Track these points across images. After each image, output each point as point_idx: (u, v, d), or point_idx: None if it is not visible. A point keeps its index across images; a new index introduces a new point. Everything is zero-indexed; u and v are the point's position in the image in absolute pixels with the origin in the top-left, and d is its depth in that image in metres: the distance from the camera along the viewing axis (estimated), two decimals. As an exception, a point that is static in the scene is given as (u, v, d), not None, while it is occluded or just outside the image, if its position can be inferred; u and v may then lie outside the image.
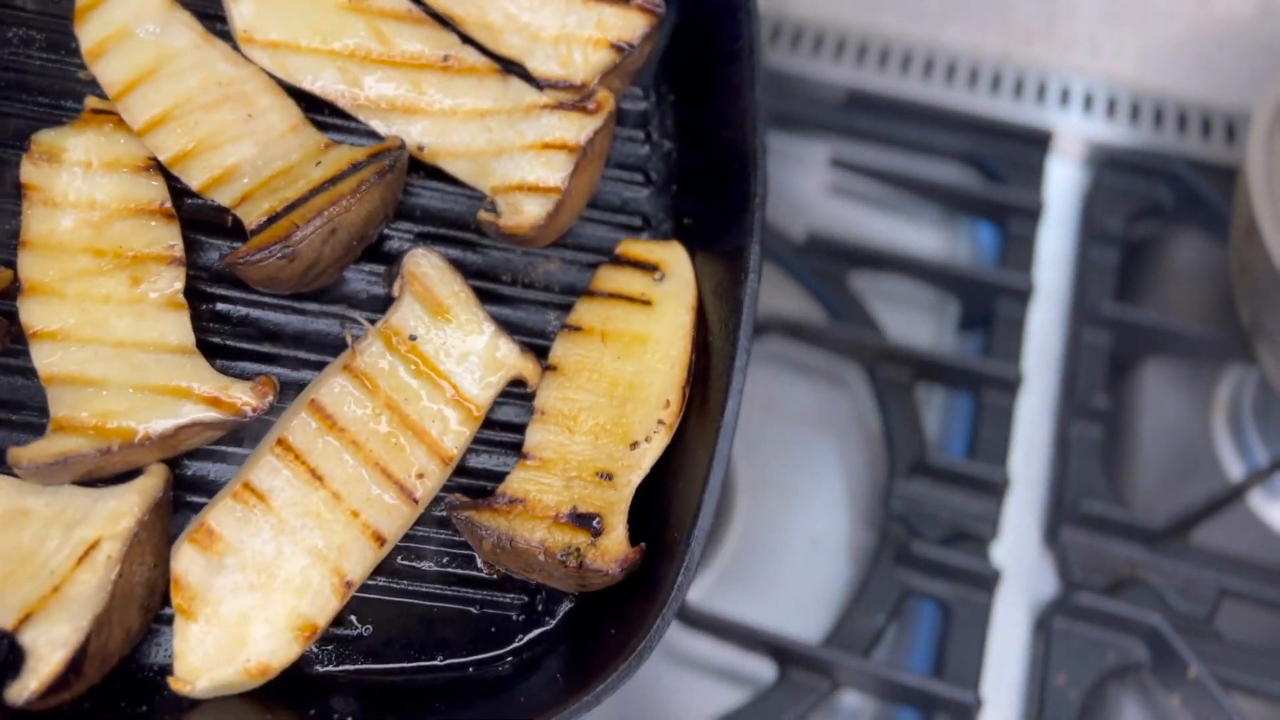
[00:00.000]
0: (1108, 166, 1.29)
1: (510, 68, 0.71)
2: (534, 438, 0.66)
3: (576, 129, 0.67)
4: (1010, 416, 1.08)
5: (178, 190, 0.70)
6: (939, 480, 1.04)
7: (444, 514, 0.67)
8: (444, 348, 0.65)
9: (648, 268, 0.69)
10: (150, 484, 0.61)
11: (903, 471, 1.05)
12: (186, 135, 0.67)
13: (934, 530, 1.01)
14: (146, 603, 0.60)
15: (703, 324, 0.68)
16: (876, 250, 1.20)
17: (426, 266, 0.66)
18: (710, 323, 0.68)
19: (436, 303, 0.65)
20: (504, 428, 0.70)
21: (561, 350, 0.68)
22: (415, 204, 0.73)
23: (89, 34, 0.69)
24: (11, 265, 0.66)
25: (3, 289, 0.65)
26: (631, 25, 0.70)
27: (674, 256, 0.70)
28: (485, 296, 0.70)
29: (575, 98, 0.68)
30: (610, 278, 0.70)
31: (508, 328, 0.69)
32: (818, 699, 0.93)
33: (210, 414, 0.61)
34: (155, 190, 0.67)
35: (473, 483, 0.69)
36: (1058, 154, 1.35)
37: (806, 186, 1.38)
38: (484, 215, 0.68)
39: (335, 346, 0.69)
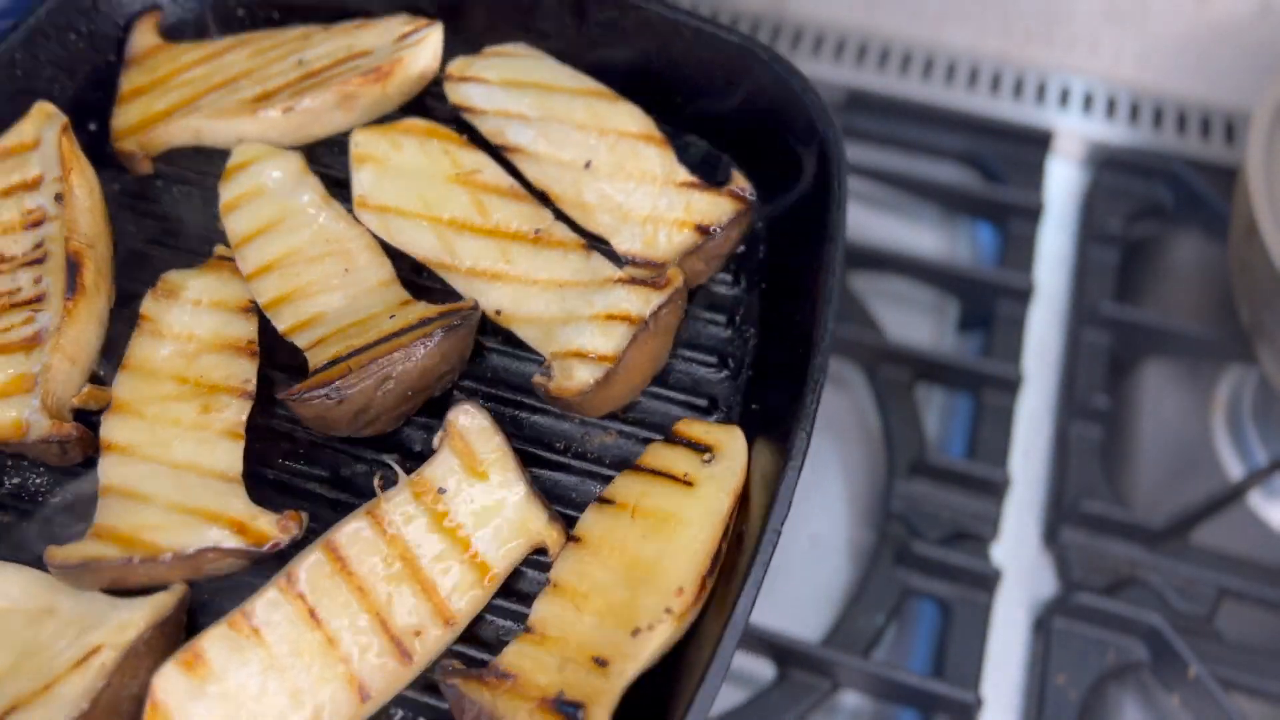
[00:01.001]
0: (1107, 166, 1.30)
1: (596, 244, 0.74)
2: (540, 610, 0.63)
3: (642, 302, 0.68)
4: (1010, 416, 1.08)
5: (268, 328, 0.74)
6: (939, 480, 1.04)
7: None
8: (471, 506, 0.64)
9: (700, 448, 0.67)
10: (163, 601, 0.62)
11: (903, 471, 1.05)
12: (286, 283, 0.72)
13: (934, 530, 1.02)
14: (134, 718, 0.60)
15: (744, 512, 0.65)
16: (876, 250, 1.20)
17: (469, 422, 0.66)
18: (751, 512, 0.64)
19: (474, 460, 0.65)
20: (520, 599, 0.67)
21: (589, 522, 0.65)
22: (486, 364, 0.75)
23: (229, 190, 0.77)
24: (108, 384, 0.71)
25: (100, 407, 0.70)
26: (719, 210, 0.72)
27: (730, 440, 0.67)
28: (534, 461, 0.70)
29: (651, 274, 0.69)
30: (659, 454, 0.68)
31: (551, 496, 0.68)
32: (818, 699, 0.93)
33: (232, 541, 0.64)
34: (246, 329, 0.72)
35: (477, 654, 0.66)
36: (1057, 154, 1.35)
37: (806, 187, 1.38)
38: (537, 379, 0.69)
39: (369, 497, 0.70)
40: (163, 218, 0.80)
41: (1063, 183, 1.34)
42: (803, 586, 1.03)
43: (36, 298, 0.72)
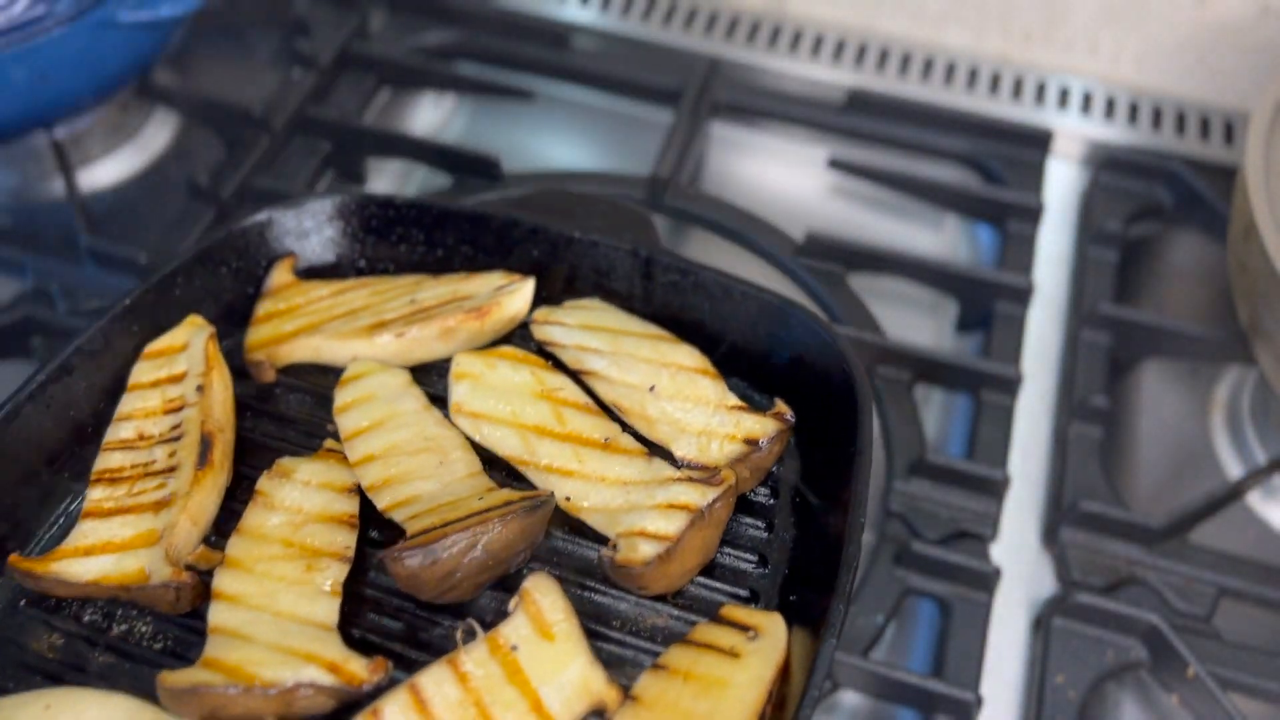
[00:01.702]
0: (1106, 167, 1.30)
1: (655, 450, 0.87)
2: None
3: (699, 495, 0.79)
4: (1009, 416, 1.08)
5: (367, 512, 0.85)
6: (938, 480, 1.04)
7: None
8: (540, 664, 0.72)
9: (743, 628, 0.74)
10: None
11: (902, 471, 1.05)
12: (387, 470, 0.84)
13: (933, 530, 1.02)
14: None
15: (785, 681, 0.72)
16: (876, 251, 1.20)
17: (542, 589, 0.76)
18: (791, 683, 0.72)
19: (543, 623, 0.74)
20: None
21: (645, 683, 0.72)
22: (553, 548, 0.84)
23: (343, 395, 0.90)
24: (222, 548, 0.82)
25: (210, 566, 0.80)
26: (765, 428, 0.84)
27: (772, 624, 0.74)
28: (593, 635, 0.77)
29: (705, 475, 0.82)
30: (707, 631, 0.75)
31: (607, 666, 0.74)
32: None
33: (326, 679, 0.71)
34: (349, 506, 0.83)
35: None
36: (1057, 154, 1.35)
37: (806, 187, 1.39)
38: (605, 551, 0.79)
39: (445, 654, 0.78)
40: (280, 418, 0.92)
41: (1062, 183, 1.34)
42: (802, 586, 1.03)
43: (169, 469, 0.83)
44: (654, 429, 0.86)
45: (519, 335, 0.97)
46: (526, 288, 0.94)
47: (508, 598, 0.77)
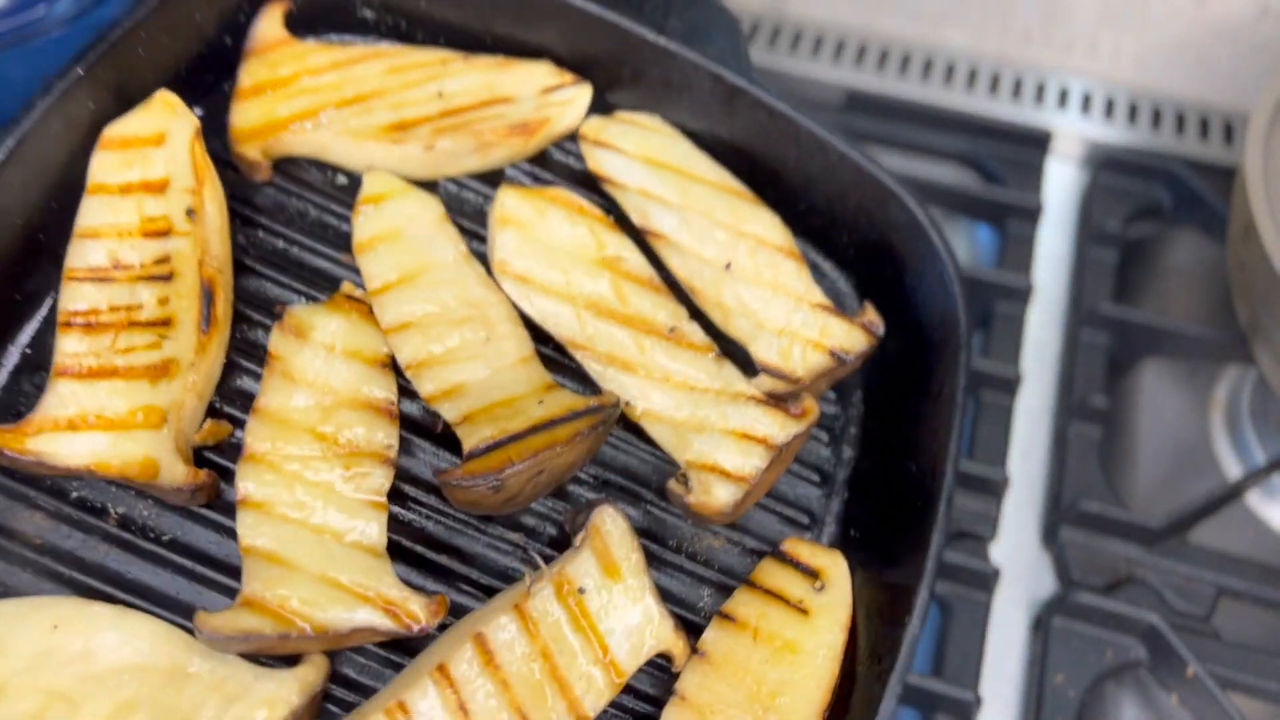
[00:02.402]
0: (1106, 167, 1.30)
1: (727, 352, 0.75)
2: (668, 718, 0.65)
3: (779, 428, 0.71)
4: (1009, 416, 1.08)
5: (400, 388, 0.73)
6: (938, 479, 1.03)
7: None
8: (607, 608, 0.67)
9: (810, 572, 0.70)
10: (311, 675, 0.63)
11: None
12: (428, 345, 0.71)
13: (933, 529, 1.01)
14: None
15: (851, 647, 0.68)
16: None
17: (612, 527, 0.68)
18: (859, 648, 0.68)
19: (611, 563, 0.68)
20: (637, 696, 0.70)
21: (713, 637, 0.68)
22: (605, 451, 0.76)
23: (364, 227, 0.74)
24: (234, 420, 0.69)
25: (218, 441, 0.69)
26: (854, 339, 0.75)
27: (836, 567, 0.71)
28: (648, 558, 0.71)
29: (787, 388, 0.72)
30: (772, 573, 0.71)
31: (662, 593, 0.70)
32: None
33: (385, 622, 0.64)
34: (386, 388, 0.71)
35: None
36: (1056, 155, 1.35)
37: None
38: (675, 486, 0.72)
39: (505, 575, 0.72)
40: (277, 234, 0.77)
41: (1061, 183, 1.34)
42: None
43: (162, 320, 0.69)
44: (730, 321, 0.76)
45: (560, 149, 0.82)
46: (582, 99, 0.80)
47: (558, 506, 0.72)
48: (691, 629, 0.71)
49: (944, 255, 0.74)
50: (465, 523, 0.72)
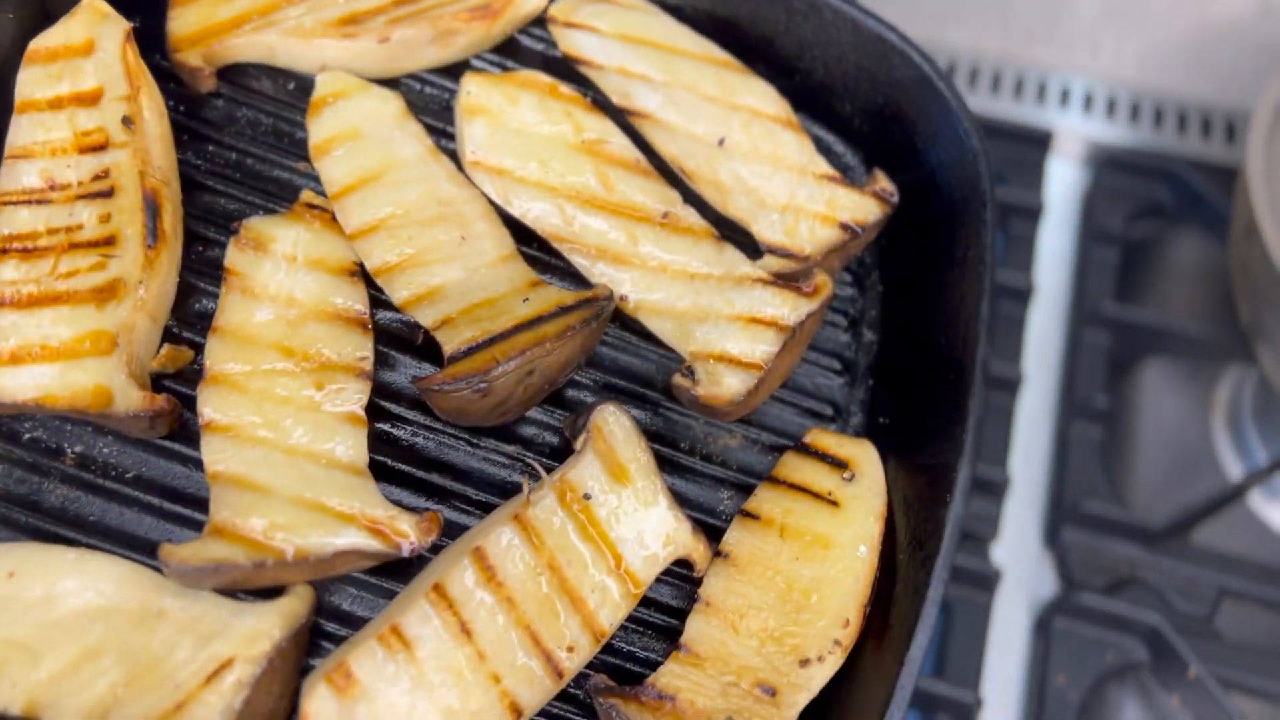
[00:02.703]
0: (1108, 167, 1.30)
1: (728, 235, 0.70)
2: (694, 629, 0.62)
3: (790, 308, 0.66)
4: (1011, 416, 1.08)
5: (373, 300, 0.68)
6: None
7: (579, 692, 0.63)
8: (616, 513, 0.62)
9: (837, 463, 0.66)
10: (294, 607, 0.58)
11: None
12: (398, 248, 0.67)
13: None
14: (266, 726, 0.57)
15: (889, 539, 0.64)
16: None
17: (615, 426, 0.63)
18: (898, 539, 0.64)
19: (618, 465, 0.63)
20: (658, 608, 0.66)
21: (736, 538, 0.64)
22: (605, 353, 0.71)
23: (319, 129, 0.70)
24: (195, 345, 0.65)
25: (178, 368, 0.64)
26: (865, 209, 0.69)
27: (866, 456, 0.67)
28: (661, 462, 0.67)
29: (796, 268, 0.67)
30: (797, 467, 0.67)
31: (677, 499, 0.66)
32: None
33: (372, 544, 0.59)
34: (356, 297, 0.66)
35: (615, 662, 0.65)
36: (1058, 154, 1.35)
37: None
38: (680, 380, 0.67)
39: (503, 489, 0.67)
40: (228, 147, 0.73)
41: (1063, 183, 1.34)
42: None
43: (105, 239, 0.64)
44: (728, 201, 0.71)
45: (528, 33, 0.77)
46: None
47: (556, 412, 0.67)
48: (712, 534, 0.67)
49: (957, 109, 0.70)
50: (455, 437, 0.68)
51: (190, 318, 0.68)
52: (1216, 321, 1.15)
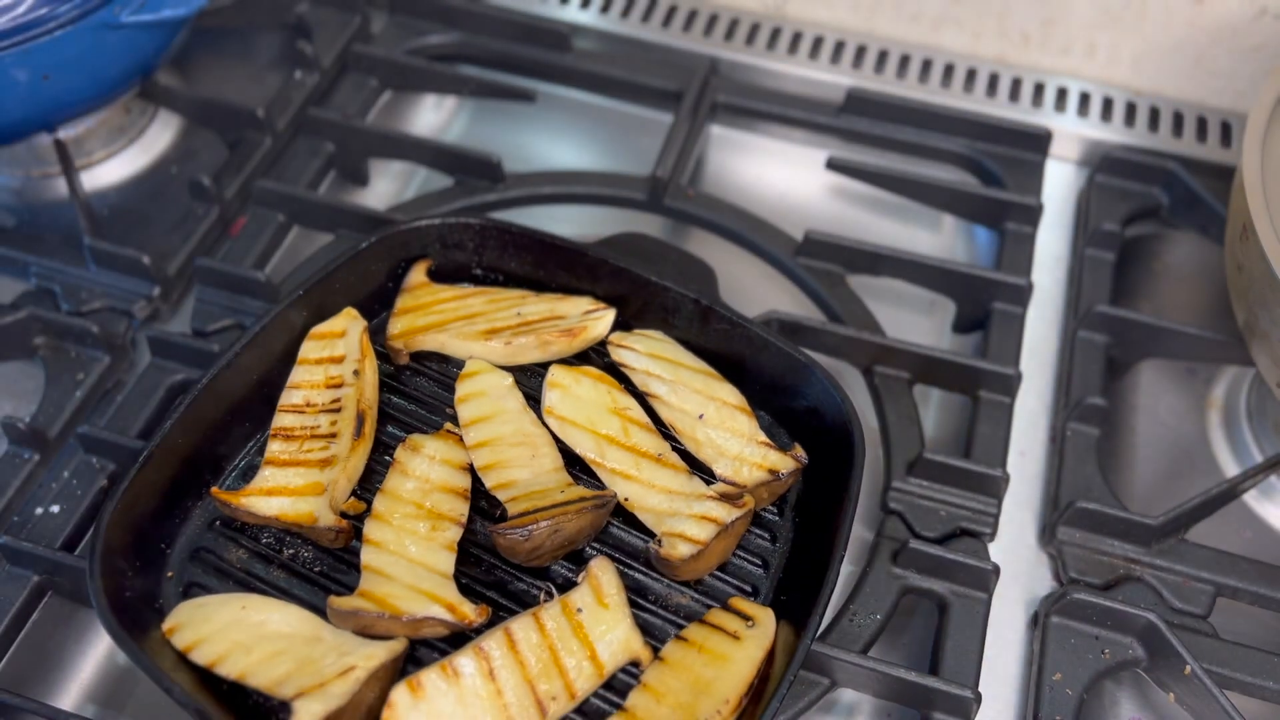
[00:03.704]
0: (1104, 168, 1.30)
1: (696, 471, 1.05)
2: (633, 699, 0.89)
3: (726, 512, 0.98)
4: (1008, 415, 1.08)
5: (476, 479, 1.05)
6: (937, 478, 1.04)
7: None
8: (596, 624, 0.92)
9: (745, 618, 0.93)
10: (395, 646, 0.90)
11: (900, 469, 1.06)
12: (495, 456, 1.03)
13: (932, 528, 1.02)
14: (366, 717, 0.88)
15: (769, 663, 0.90)
16: (875, 251, 1.21)
17: (602, 571, 0.95)
18: (775, 664, 0.90)
19: (601, 594, 0.93)
20: (612, 685, 0.93)
21: (670, 649, 0.93)
22: (610, 534, 1.02)
23: (462, 389, 1.09)
24: (367, 500, 1.02)
25: (357, 512, 1.00)
26: (785, 464, 1.02)
27: (765, 616, 0.93)
28: (634, 605, 0.97)
29: (736, 493, 1.01)
30: (719, 616, 0.95)
31: (641, 629, 0.95)
32: (815, 696, 0.94)
33: (445, 615, 0.91)
34: (464, 481, 1.03)
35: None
36: (1054, 155, 1.36)
37: (805, 188, 1.39)
38: (651, 545, 0.99)
39: (530, 601, 0.98)
40: (409, 397, 1.12)
41: (1060, 184, 1.35)
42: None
43: (330, 435, 1.03)
44: (700, 450, 1.05)
45: (596, 351, 1.15)
46: (608, 316, 1.14)
47: (575, 568, 0.98)
48: (656, 648, 0.95)
49: (845, 408, 1.02)
50: (507, 571, 1.00)
51: (370, 484, 1.04)
52: (1213, 322, 1.15)
